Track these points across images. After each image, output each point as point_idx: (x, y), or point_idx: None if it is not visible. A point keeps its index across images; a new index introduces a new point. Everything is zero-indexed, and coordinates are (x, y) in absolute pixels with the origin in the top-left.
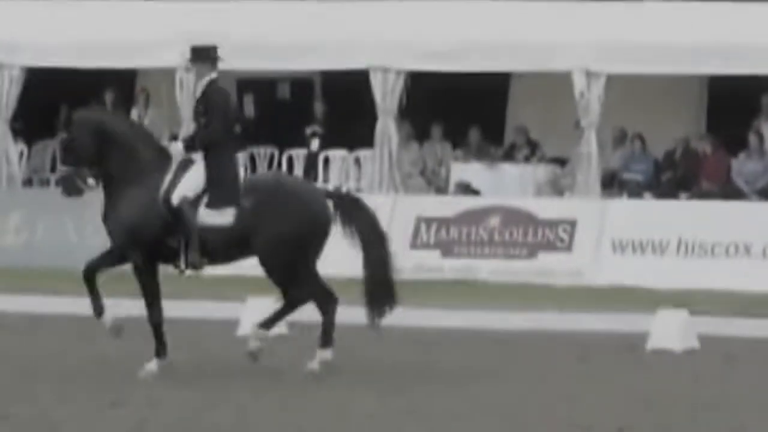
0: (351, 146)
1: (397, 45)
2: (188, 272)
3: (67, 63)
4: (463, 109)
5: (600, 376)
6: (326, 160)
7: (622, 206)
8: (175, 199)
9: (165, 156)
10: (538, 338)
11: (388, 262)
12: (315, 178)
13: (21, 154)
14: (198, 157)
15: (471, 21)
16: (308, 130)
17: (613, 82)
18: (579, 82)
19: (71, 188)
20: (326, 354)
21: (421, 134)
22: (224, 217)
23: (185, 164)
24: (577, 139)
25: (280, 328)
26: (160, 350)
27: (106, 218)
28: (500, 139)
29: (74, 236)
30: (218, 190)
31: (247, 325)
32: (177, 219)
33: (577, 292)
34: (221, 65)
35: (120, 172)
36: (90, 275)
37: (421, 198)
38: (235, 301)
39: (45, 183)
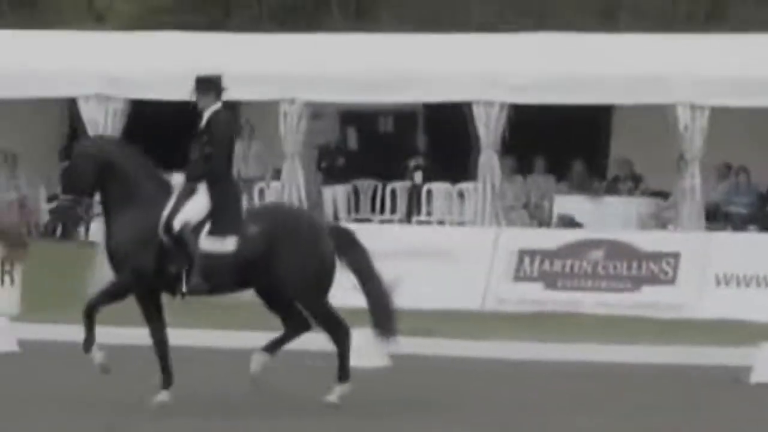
0: (454, 179)
1: (500, 78)
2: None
3: (170, 95)
4: (566, 142)
5: (704, 410)
6: (429, 193)
7: (726, 239)
8: (177, 225)
9: (166, 185)
10: (641, 371)
11: (387, 293)
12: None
13: None
14: (200, 186)
15: (574, 54)
16: (411, 163)
17: (717, 114)
18: (683, 116)
19: (71, 217)
20: (345, 388)
21: (524, 167)
22: (226, 245)
23: (188, 192)
24: (680, 171)
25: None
26: (166, 381)
27: (107, 246)
28: (603, 172)
29: None
30: (221, 218)
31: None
32: (178, 245)
33: (680, 325)
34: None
35: (121, 200)
36: (90, 312)
37: (524, 231)
38: None
39: None
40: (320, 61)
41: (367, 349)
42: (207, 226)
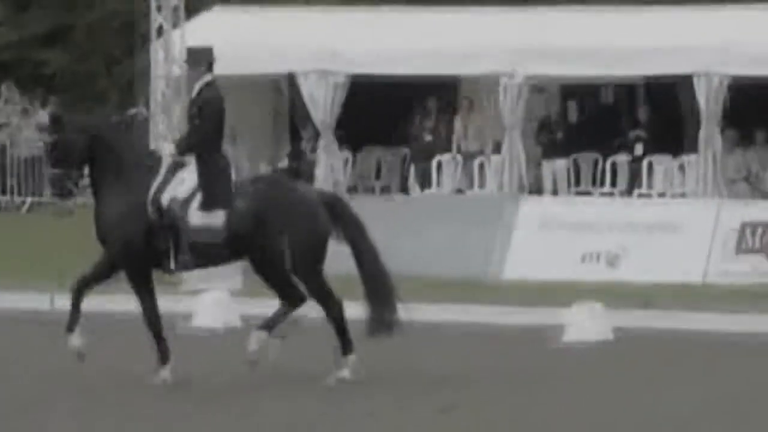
0: (675, 152)
1: (721, 50)
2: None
3: (391, 70)
4: None
5: None
6: (650, 166)
7: None
8: (165, 200)
9: (155, 158)
10: None
11: (381, 264)
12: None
13: (346, 162)
14: (189, 159)
15: None
16: (632, 134)
17: None
18: None
19: (61, 190)
20: (352, 359)
21: (744, 139)
22: (215, 219)
23: (175, 166)
24: None
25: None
26: (164, 357)
27: (96, 220)
28: None
29: (400, 243)
30: (210, 192)
31: (572, 331)
32: (166, 220)
33: None
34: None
35: (109, 174)
36: (79, 290)
37: (745, 203)
38: (558, 306)
39: (370, 190)
40: (541, 35)
41: (590, 323)
42: (196, 200)
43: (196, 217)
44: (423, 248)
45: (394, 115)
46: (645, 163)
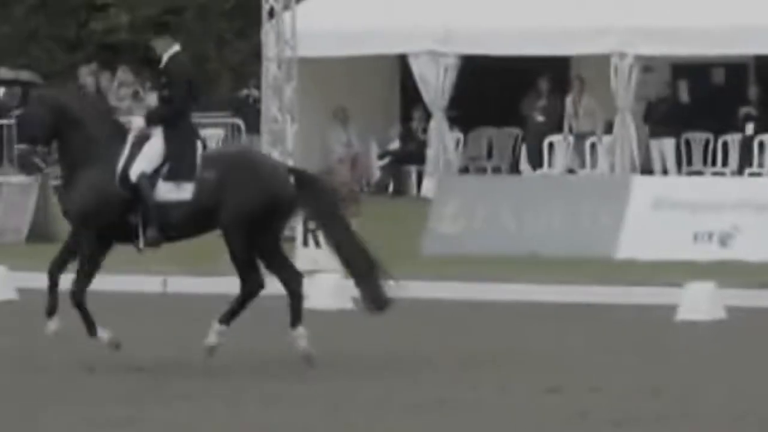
0: None
1: None
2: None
3: (502, 50)
4: None
5: None
6: (761, 145)
7: None
8: (133, 175)
9: (123, 131)
10: None
11: (355, 239)
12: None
13: (457, 142)
14: (155, 131)
15: None
16: (742, 113)
17: None
18: None
19: (29, 166)
20: (300, 331)
21: None
22: (182, 192)
23: (141, 139)
24: None
25: None
26: (90, 328)
27: (62, 196)
28: None
29: (512, 223)
30: (176, 163)
31: (685, 310)
32: (135, 195)
33: None
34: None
35: (77, 148)
36: (54, 272)
37: None
38: (671, 286)
39: (481, 170)
40: (653, 14)
41: (702, 302)
42: (163, 173)
43: (164, 190)
44: (534, 228)
45: (505, 96)
46: (756, 142)
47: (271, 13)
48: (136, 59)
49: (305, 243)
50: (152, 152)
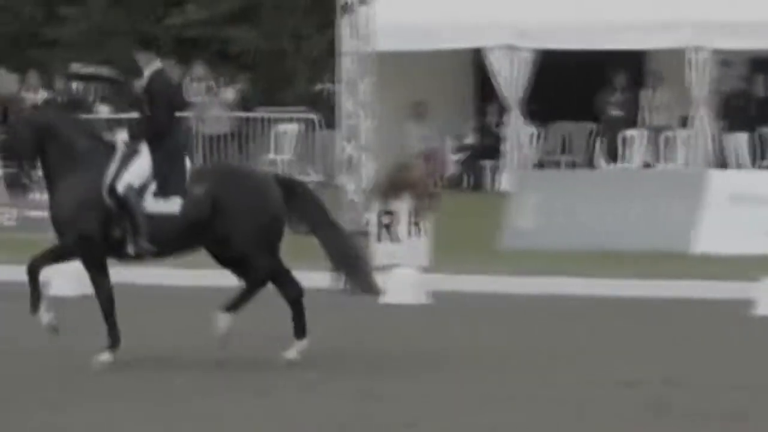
0: None
1: None
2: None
3: (578, 45)
4: None
5: None
6: None
7: None
8: (121, 187)
9: (108, 147)
10: None
11: (348, 241)
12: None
13: (533, 137)
14: (143, 147)
15: None
16: None
17: None
18: None
19: (17, 187)
20: (304, 344)
21: None
22: (171, 206)
23: (130, 154)
24: None
25: None
26: (114, 341)
27: (51, 212)
28: None
29: (589, 218)
30: (165, 178)
31: (763, 305)
32: (122, 208)
33: None
34: None
35: (62, 164)
36: (33, 271)
37: None
38: (748, 281)
39: (557, 165)
40: (729, 8)
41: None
42: (151, 187)
43: (152, 204)
44: (611, 223)
45: (581, 90)
46: None
47: (346, 8)
48: (211, 54)
49: (382, 237)
50: (140, 167)
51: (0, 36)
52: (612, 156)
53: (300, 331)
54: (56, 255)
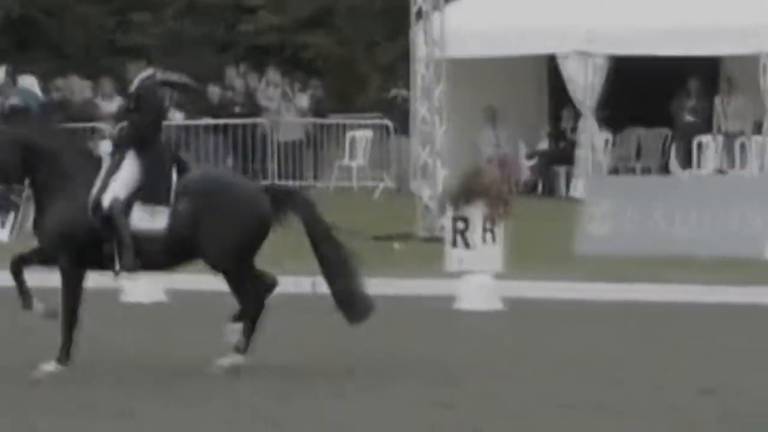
0: None
1: None
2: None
3: (651, 51)
4: None
5: None
6: None
7: None
8: (106, 202)
9: (93, 159)
10: None
11: (339, 250)
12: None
13: (606, 142)
14: (128, 155)
15: None
16: None
17: None
18: None
19: (5, 205)
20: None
21: None
22: (158, 222)
23: (115, 165)
24: None
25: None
26: (64, 355)
27: (36, 227)
28: None
29: (663, 225)
30: (150, 191)
31: None
32: (108, 223)
33: None
34: None
35: (48, 180)
36: (17, 269)
37: None
38: None
39: (630, 171)
40: None
41: None
42: (137, 200)
43: (138, 219)
44: (684, 229)
45: (655, 96)
46: None
47: (420, 14)
48: (285, 60)
49: (455, 243)
50: (125, 180)
51: (73, 43)
52: (686, 162)
53: (241, 347)
54: (41, 259)
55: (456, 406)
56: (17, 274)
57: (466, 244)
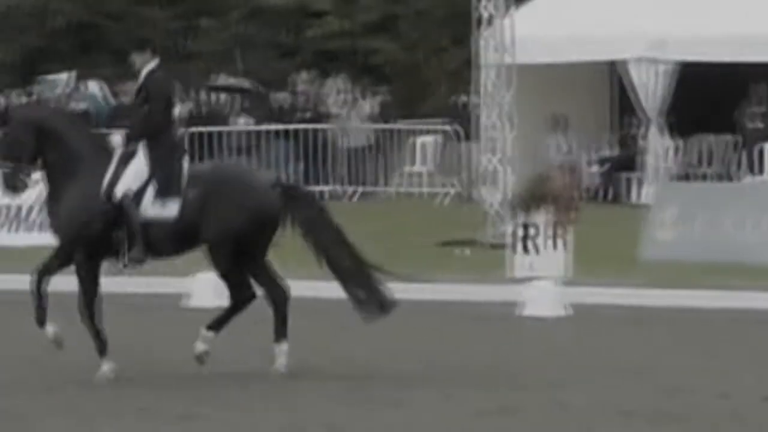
0: None
1: None
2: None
3: (717, 57)
4: None
5: None
6: None
7: None
8: (118, 192)
9: (106, 149)
10: None
11: (347, 247)
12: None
13: (675, 149)
14: (139, 148)
15: None
16: None
17: None
18: None
19: (14, 185)
20: (284, 347)
21: None
22: (168, 210)
23: (127, 157)
24: None
25: None
26: (102, 349)
27: (49, 213)
28: None
29: (732, 231)
30: (161, 180)
31: None
32: (120, 214)
33: None
34: None
35: (61, 167)
36: (40, 283)
37: None
38: None
39: (699, 177)
40: None
41: None
42: (149, 192)
43: (149, 209)
44: (750, 235)
45: (722, 102)
46: None
47: (480, 21)
48: (352, 65)
49: (520, 249)
50: (137, 171)
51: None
52: (754, 168)
53: (279, 334)
54: (57, 263)
55: (521, 412)
56: (39, 288)
57: (533, 250)
